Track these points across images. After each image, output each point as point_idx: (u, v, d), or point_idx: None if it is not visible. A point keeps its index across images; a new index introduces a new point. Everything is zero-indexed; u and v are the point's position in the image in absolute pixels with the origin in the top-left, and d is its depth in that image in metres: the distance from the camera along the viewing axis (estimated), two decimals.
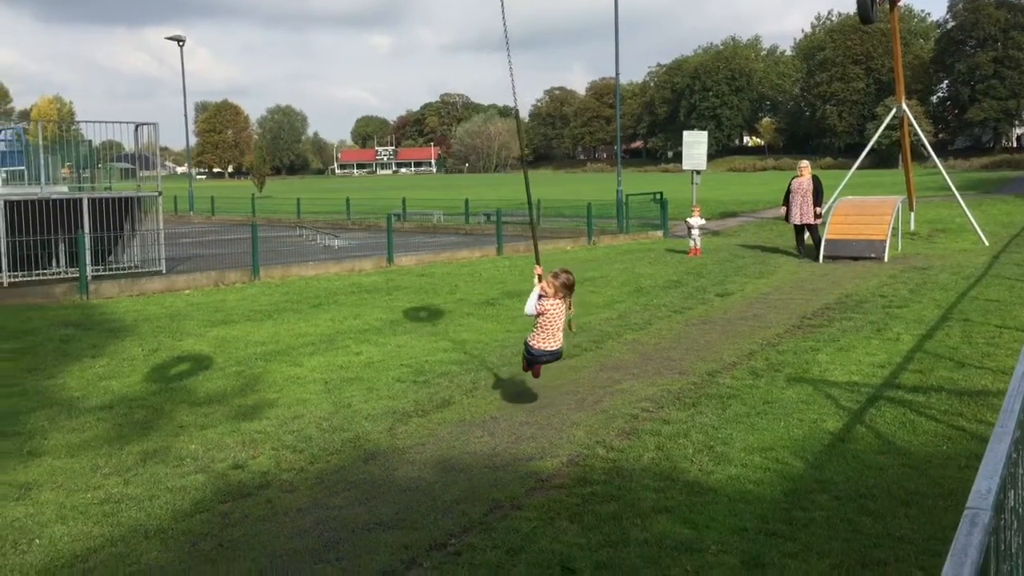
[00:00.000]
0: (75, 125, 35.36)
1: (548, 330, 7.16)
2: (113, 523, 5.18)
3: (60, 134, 21.46)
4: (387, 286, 15.49)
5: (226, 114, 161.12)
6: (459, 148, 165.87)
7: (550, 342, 7.18)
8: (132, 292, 15.10)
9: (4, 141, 20.57)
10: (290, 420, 7.22)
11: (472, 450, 6.45)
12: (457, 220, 32.06)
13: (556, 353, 7.28)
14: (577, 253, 21.38)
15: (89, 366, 9.34)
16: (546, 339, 7.17)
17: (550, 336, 7.17)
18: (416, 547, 4.80)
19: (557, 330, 7.18)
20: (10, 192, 16.44)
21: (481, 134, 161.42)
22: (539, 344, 7.17)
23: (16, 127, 21.59)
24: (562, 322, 7.18)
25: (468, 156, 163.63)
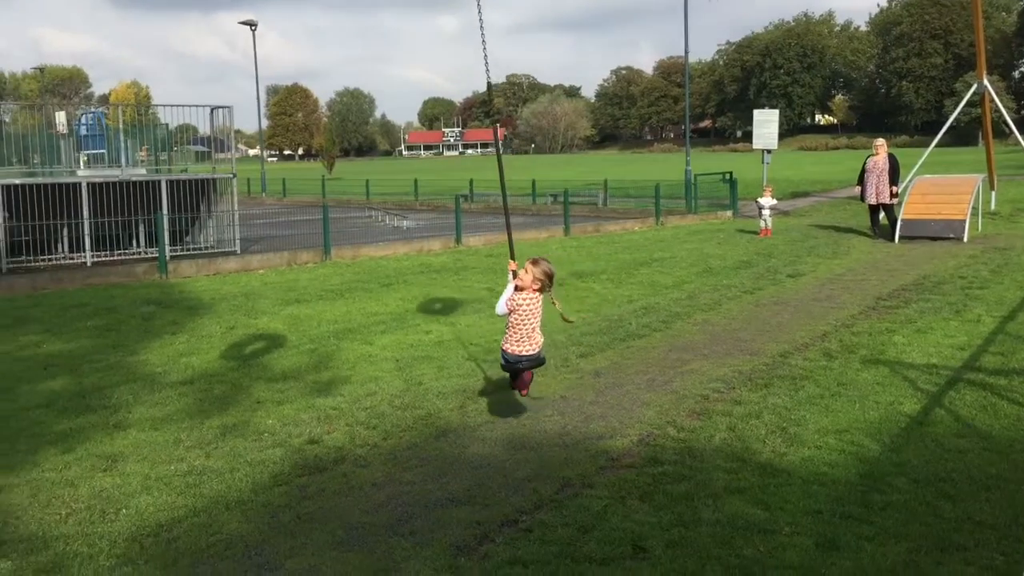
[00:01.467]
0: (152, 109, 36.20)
1: (520, 330, 6.20)
2: (195, 494, 5.35)
3: (138, 118, 22.00)
4: (455, 266, 15.61)
5: (296, 97, 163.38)
6: (525, 129, 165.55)
7: (524, 344, 6.22)
8: (209, 272, 15.48)
9: (85, 125, 21.16)
10: (363, 397, 7.35)
11: (542, 428, 6.49)
12: (524, 201, 32.08)
13: (535, 358, 6.28)
14: (645, 234, 21.23)
15: (170, 343, 9.62)
16: (519, 341, 6.22)
17: (524, 337, 6.22)
18: (488, 523, 4.85)
19: (532, 330, 6.23)
20: (92, 174, 16.95)
21: (547, 115, 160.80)
22: (513, 348, 6.23)
23: (96, 111, 22.20)
24: (538, 320, 6.23)
25: (534, 137, 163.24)
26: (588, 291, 12.57)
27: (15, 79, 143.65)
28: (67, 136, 19.64)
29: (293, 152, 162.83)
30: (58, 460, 5.95)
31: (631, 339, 9.36)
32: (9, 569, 4.38)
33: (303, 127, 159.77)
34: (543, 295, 6.30)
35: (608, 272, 14.40)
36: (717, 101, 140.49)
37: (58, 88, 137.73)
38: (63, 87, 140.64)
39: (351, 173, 67.47)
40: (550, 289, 6.29)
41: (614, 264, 15.42)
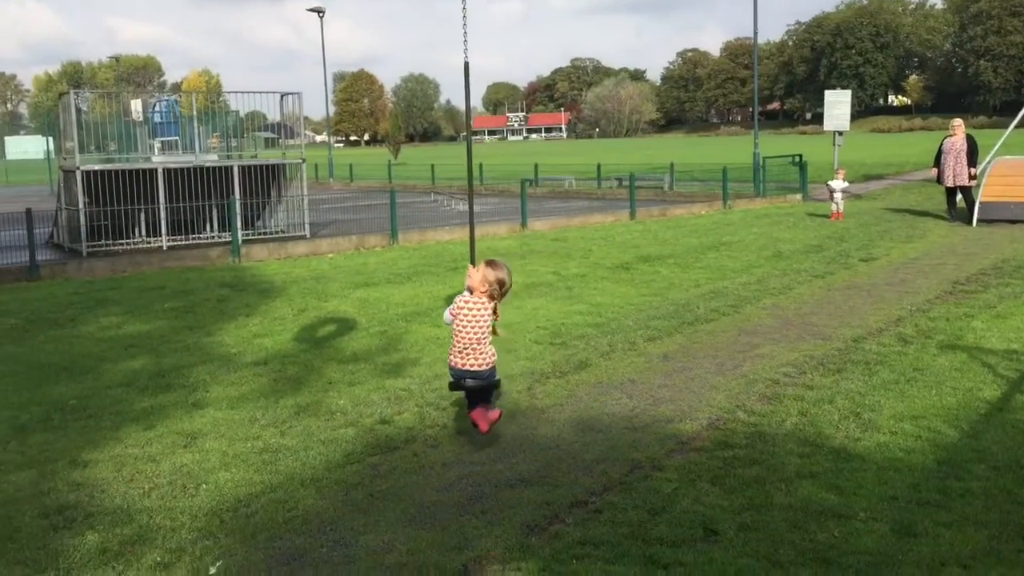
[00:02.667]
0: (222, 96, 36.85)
1: (461, 339, 5.45)
2: (272, 471, 5.48)
3: (209, 105, 22.46)
4: (521, 250, 15.64)
5: (362, 83, 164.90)
6: (589, 113, 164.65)
7: (468, 358, 5.45)
8: (279, 255, 15.78)
9: (159, 113, 21.66)
10: (432, 379, 7.43)
11: (610, 411, 6.49)
12: (589, 185, 31.96)
13: (480, 375, 5.44)
14: (712, 217, 20.99)
15: (244, 324, 9.85)
16: (461, 352, 5.47)
17: (466, 349, 5.46)
18: (557, 504, 4.88)
19: (477, 341, 5.43)
20: (167, 160, 17.38)
21: (612, 98, 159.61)
22: (454, 359, 5.53)
23: (170, 99, 22.69)
24: (483, 331, 5.45)
25: (598, 121, 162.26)
26: (655, 275, 12.49)
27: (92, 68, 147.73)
28: (142, 123, 20.12)
29: (359, 138, 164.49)
30: (140, 437, 6.14)
31: (699, 323, 9.28)
32: (96, 540, 4.55)
33: (369, 113, 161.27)
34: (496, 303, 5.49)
35: (675, 256, 14.29)
36: (786, 83, 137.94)
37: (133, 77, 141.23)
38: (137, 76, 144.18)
39: (416, 158, 67.93)
40: (499, 300, 5.47)
41: (681, 248, 15.29)
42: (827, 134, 26.48)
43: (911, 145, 57.54)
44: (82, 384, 7.50)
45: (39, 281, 13.46)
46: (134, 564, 4.30)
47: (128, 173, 16.47)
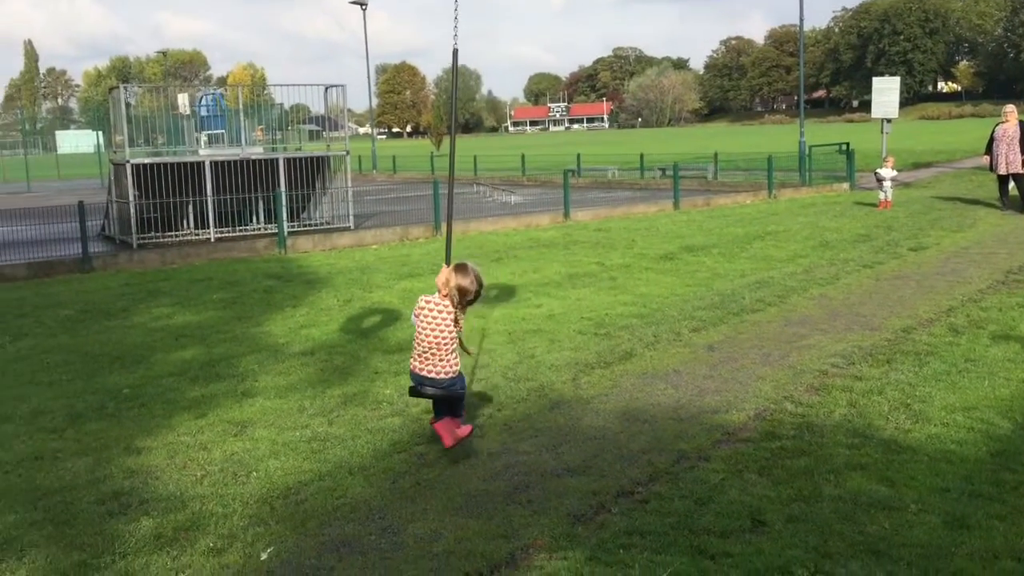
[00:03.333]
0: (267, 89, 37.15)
1: (421, 342, 5.18)
2: (320, 459, 5.55)
3: (254, 99, 22.70)
4: (564, 241, 15.63)
5: (404, 75, 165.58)
6: (632, 103, 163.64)
7: (427, 363, 5.17)
8: (325, 247, 15.94)
9: (206, 106, 21.93)
10: (477, 369, 7.46)
11: (656, 402, 6.47)
12: (632, 175, 31.79)
13: (439, 383, 5.15)
14: (757, 207, 20.78)
15: (290, 315, 9.97)
16: (421, 356, 5.19)
17: (425, 353, 5.17)
18: (604, 493, 4.89)
19: (437, 347, 5.12)
20: (214, 153, 17.60)
21: (654, 87, 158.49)
22: (414, 363, 5.26)
23: (216, 92, 22.97)
24: (444, 337, 5.12)
25: (641, 111, 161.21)
26: (699, 265, 12.41)
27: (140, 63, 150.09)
28: (189, 117, 20.40)
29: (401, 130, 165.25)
30: (192, 425, 6.26)
31: (745, 313, 9.21)
32: (151, 526, 4.65)
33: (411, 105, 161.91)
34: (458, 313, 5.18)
35: (720, 246, 14.18)
36: (832, 70, 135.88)
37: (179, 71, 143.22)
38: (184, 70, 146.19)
39: (458, 149, 67.82)
40: (461, 307, 5.15)
41: (726, 238, 15.16)
42: (874, 122, 26.07)
43: (961, 132, 56.41)
44: (135, 373, 7.65)
45: (92, 272, 13.74)
46: (188, 550, 4.39)
47: (176, 166, 16.72)
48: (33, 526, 4.68)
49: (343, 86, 18.69)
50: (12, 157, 57.84)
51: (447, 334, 5.11)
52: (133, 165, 16.13)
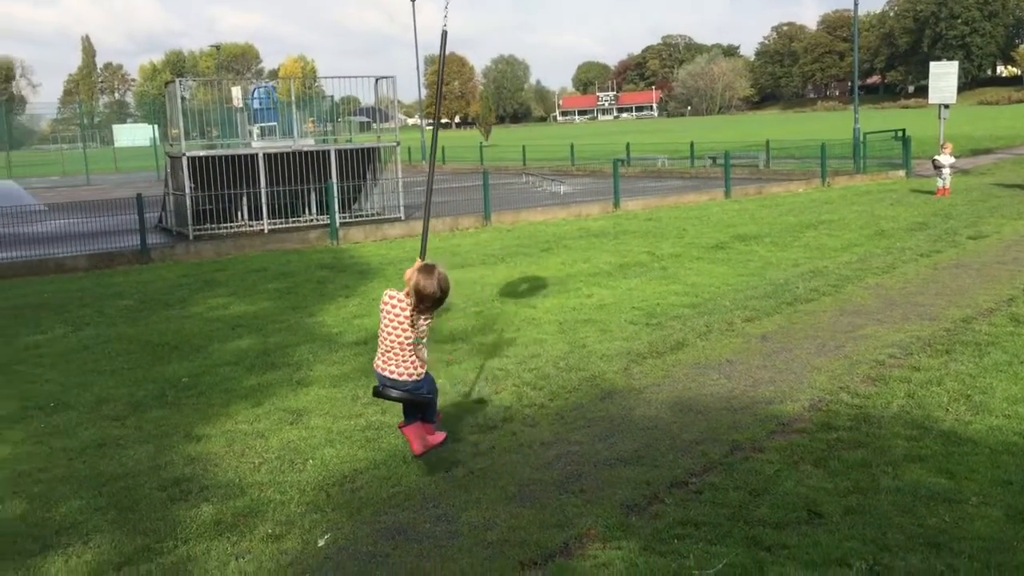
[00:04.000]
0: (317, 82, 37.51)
1: (383, 340, 4.71)
2: (375, 448, 5.62)
3: (305, 91, 22.90)
4: (614, 230, 15.56)
5: (452, 66, 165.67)
6: (681, 91, 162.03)
7: (389, 363, 4.69)
8: (376, 237, 16.07)
9: (258, 99, 22.19)
10: (528, 359, 7.48)
11: (709, 392, 6.43)
12: (682, 164, 31.52)
13: (402, 386, 4.68)
14: (810, 195, 20.48)
15: (343, 305, 10.08)
16: (383, 354, 4.72)
17: (387, 352, 4.69)
18: (657, 483, 4.88)
19: (400, 347, 4.64)
20: (267, 145, 17.83)
21: (704, 75, 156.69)
22: (376, 360, 4.81)
23: (268, 86, 23.25)
24: (400, 335, 4.64)
25: (690, 99, 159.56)
26: (751, 254, 12.27)
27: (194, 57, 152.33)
28: (242, 110, 20.67)
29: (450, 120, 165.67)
30: (249, 413, 6.37)
31: (798, 303, 9.10)
32: (211, 512, 4.75)
33: (459, 95, 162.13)
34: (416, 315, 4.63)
35: (772, 235, 14.01)
36: (887, 55, 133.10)
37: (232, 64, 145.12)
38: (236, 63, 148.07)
39: (507, 140, 68.05)
40: (419, 310, 4.59)
41: (778, 227, 14.97)
42: (931, 107, 25.51)
43: (1021, 118, 54.96)
44: (193, 362, 7.81)
45: (150, 264, 14.02)
46: (247, 535, 4.47)
47: (230, 158, 16.98)
48: (98, 511, 4.81)
49: (393, 77, 18.80)
50: (71, 151, 59.19)
51: (407, 334, 4.62)
52: (189, 158, 16.40)
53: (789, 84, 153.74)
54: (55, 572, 4.17)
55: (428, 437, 4.88)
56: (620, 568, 3.95)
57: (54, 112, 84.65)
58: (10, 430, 6.19)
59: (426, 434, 4.87)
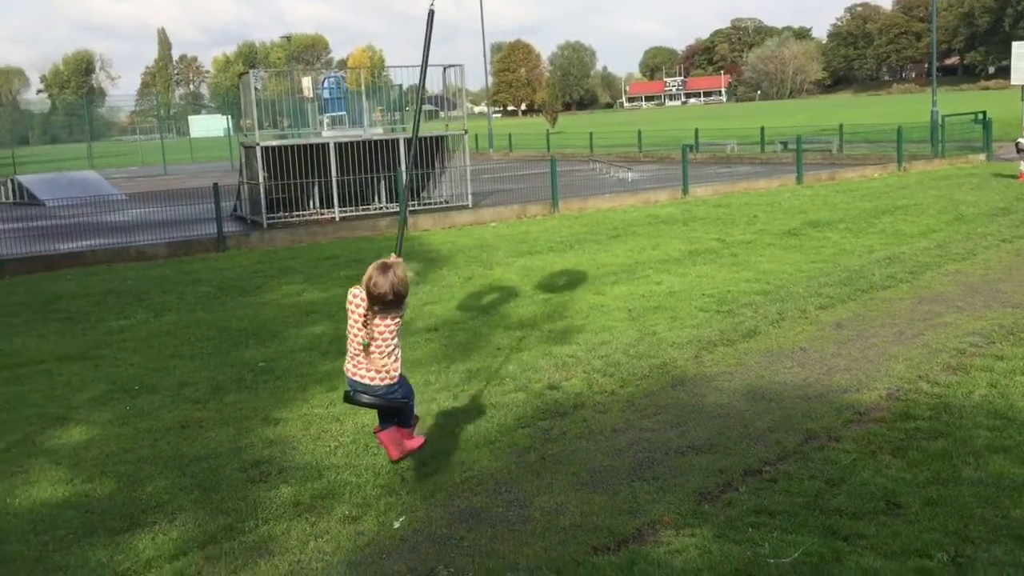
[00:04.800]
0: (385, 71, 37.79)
1: (350, 341, 4.47)
2: (446, 433, 5.69)
3: (373, 80, 23.12)
4: (683, 217, 15.42)
5: (519, 53, 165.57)
6: (751, 75, 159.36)
7: (357, 366, 4.45)
8: (444, 225, 16.20)
9: (328, 89, 22.48)
10: (598, 346, 7.47)
11: (782, 380, 6.36)
12: (752, 150, 31.05)
13: (372, 391, 4.42)
14: (885, 180, 20.00)
15: (413, 292, 10.11)
16: (352, 356, 4.48)
17: (354, 354, 4.45)
18: (730, 471, 4.85)
19: (369, 350, 4.38)
20: (337, 135, 18.07)
21: (774, 59, 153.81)
22: (346, 364, 4.54)
23: (337, 75, 23.53)
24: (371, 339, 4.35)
25: (760, 83, 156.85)
26: (825, 241, 12.05)
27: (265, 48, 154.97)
28: (312, 100, 20.96)
29: (516, 108, 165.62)
30: (324, 397, 6.50)
31: (874, 290, 8.92)
32: (290, 494, 4.86)
33: (525, 83, 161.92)
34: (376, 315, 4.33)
35: (846, 221, 13.73)
36: (966, 35, 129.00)
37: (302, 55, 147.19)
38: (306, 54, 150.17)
39: (573, 126, 67.81)
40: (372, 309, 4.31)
41: (852, 213, 14.67)
42: (1014, 89, 24.65)
43: None
44: (269, 348, 7.99)
45: (226, 251, 14.36)
46: (325, 517, 4.58)
47: (302, 148, 17.26)
48: (182, 491, 4.97)
49: (461, 66, 18.86)
50: (149, 142, 60.84)
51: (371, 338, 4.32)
52: (263, 147, 16.72)
53: (863, 67, 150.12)
54: (143, 549, 4.32)
55: (405, 442, 4.59)
56: (694, 555, 3.94)
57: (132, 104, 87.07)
58: (98, 412, 6.43)
59: (403, 439, 4.59)
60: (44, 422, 6.25)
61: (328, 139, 17.54)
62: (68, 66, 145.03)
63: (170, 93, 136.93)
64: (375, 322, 4.33)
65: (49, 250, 14.32)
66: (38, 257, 13.64)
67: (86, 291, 11.22)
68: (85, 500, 4.91)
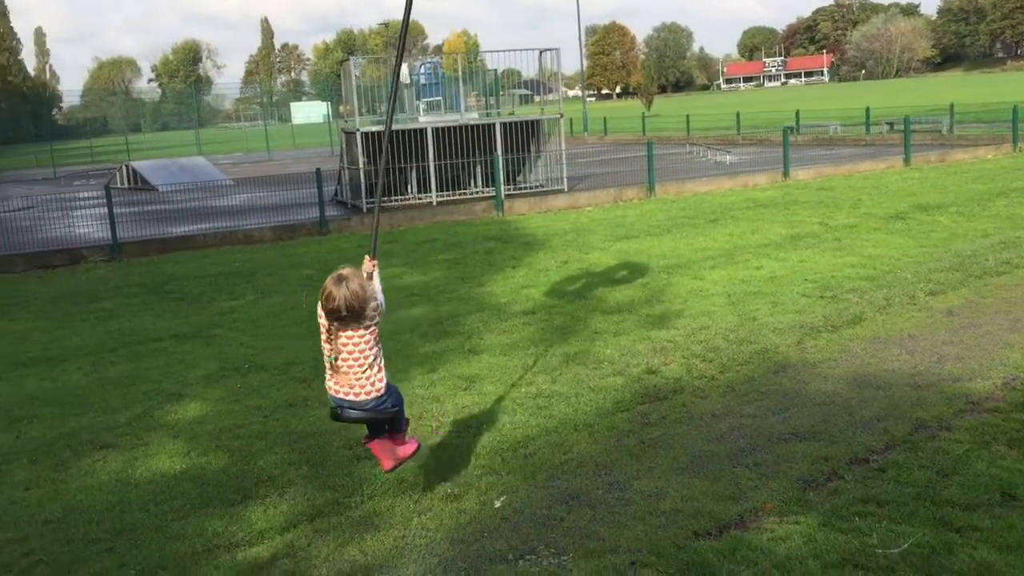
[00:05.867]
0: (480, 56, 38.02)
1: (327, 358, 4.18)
2: (545, 415, 5.73)
3: (468, 65, 23.23)
4: (784, 200, 15.09)
5: (613, 36, 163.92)
6: (855, 54, 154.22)
7: (340, 383, 4.17)
8: (540, 209, 16.23)
9: (424, 75, 22.71)
10: (697, 331, 7.40)
11: (889, 368, 6.19)
12: (856, 131, 30.10)
13: (360, 406, 4.17)
14: (999, 162, 19.16)
15: (511, 275, 10.26)
16: (331, 374, 4.19)
17: (333, 370, 4.17)
18: (836, 460, 4.75)
19: (347, 367, 4.11)
20: (434, 120, 18.27)
21: (880, 37, 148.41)
22: (327, 383, 4.27)
23: (433, 61, 23.75)
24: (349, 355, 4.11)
25: (864, 62, 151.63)
26: (934, 225, 11.63)
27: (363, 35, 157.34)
28: (409, 85, 21.21)
29: (610, 91, 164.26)
30: (425, 379, 6.62)
31: (988, 276, 8.58)
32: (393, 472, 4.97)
33: (620, 65, 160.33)
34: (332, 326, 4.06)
35: (957, 204, 13.22)
36: None
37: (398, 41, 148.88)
38: None
39: (669, 109, 66.92)
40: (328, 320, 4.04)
41: (964, 195, 14.11)
42: None
43: None
44: None
45: (328, 235, 14.71)
46: (428, 494, 4.68)
47: (400, 133, 17.51)
48: (291, 466, 5.14)
49: (557, 49, 18.80)
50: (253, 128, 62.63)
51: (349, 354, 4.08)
52: (362, 133, 17.03)
53: (975, 43, 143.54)
54: (255, 520, 4.50)
55: (398, 449, 4.38)
56: (798, 543, 3.89)
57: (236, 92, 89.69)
58: (211, 389, 6.70)
59: (396, 446, 4.38)
60: (162, 397, 6.55)
61: (425, 124, 17.74)
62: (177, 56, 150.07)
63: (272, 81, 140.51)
64: (340, 336, 4.04)
65: (163, 233, 14.93)
66: (153, 240, 14.24)
67: (198, 273, 11.67)
68: (201, 473, 5.14)
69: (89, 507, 4.78)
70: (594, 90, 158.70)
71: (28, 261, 13.28)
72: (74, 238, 15.27)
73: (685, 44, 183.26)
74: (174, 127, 63.36)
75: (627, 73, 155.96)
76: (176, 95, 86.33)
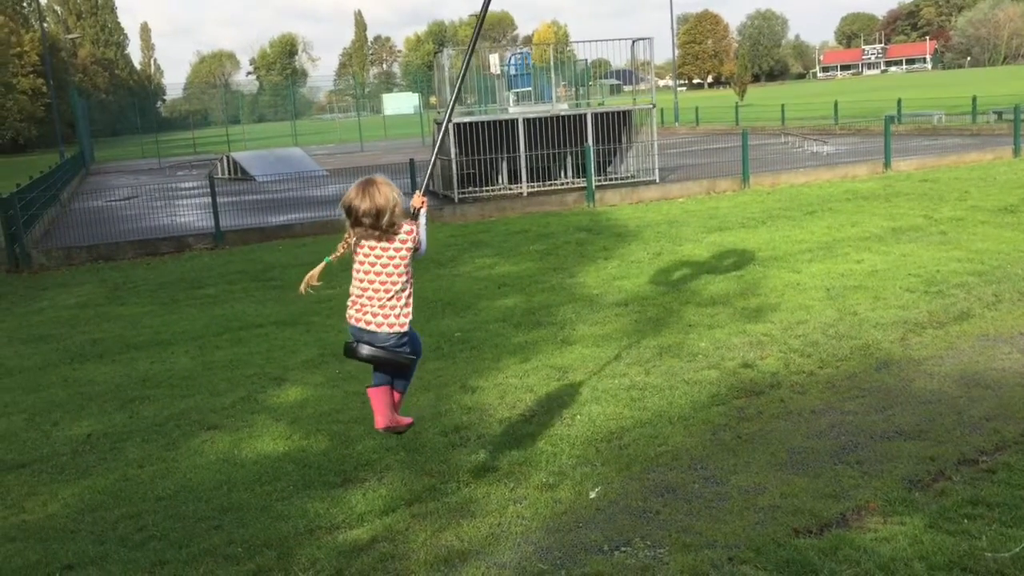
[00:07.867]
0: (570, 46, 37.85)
1: (354, 287, 3.97)
2: (639, 407, 5.70)
3: (557, 56, 23.17)
4: (885, 192, 14.65)
5: (706, 24, 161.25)
6: (960, 40, 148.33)
7: (359, 309, 3.95)
8: (631, 200, 16.12)
9: (514, 66, 22.74)
10: (794, 325, 7.26)
11: (1000, 366, 5.96)
12: (961, 120, 28.97)
13: (376, 338, 3.91)
14: None
15: (603, 267, 10.23)
16: (353, 300, 3.98)
17: (357, 297, 3.96)
18: (942, 460, 4.61)
19: (372, 290, 3.91)
20: (525, 111, 18.30)
21: (987, 22, 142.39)
22: (348, 311, 4.01)
23: (523, 52, 23.75)
24: (364, 272, 3.94)
25: (970, 48, 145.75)
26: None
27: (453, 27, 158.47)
28: (499, 76, 21.27)
29: (702, 80, 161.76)
30: (518, 368, 6.66)
31: None
32: (488, 459, 5.04)
33: (712, 54, 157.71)
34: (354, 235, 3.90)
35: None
36: None
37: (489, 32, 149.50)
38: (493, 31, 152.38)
39: (763, 99, 65.49)
40: (352, 228, 3.89)
41: None
42: None
43: None
44: (464, 319, 8.25)
45: None
46: (523, 483, 4.71)
47: (491, 124, 17.60)
48: (388, 452, 5.25)
49: (650, 39, 18.60)
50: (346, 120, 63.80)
51: (373, 276, 3.90)
52: (456, 124, 17.17)
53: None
54: (355, 503, 4.61)
55: (397, 415, 4.12)
56: (903, 544, 3.79)
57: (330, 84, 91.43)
58: (311, 374, 6.88)
59: (393, 404, 4.10)
60: (264, 381, 6.76)
61: (516, 115, 17.79)
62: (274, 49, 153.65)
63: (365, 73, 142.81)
64: (363, 247, 3.88)
65: (262, 222, 15.35)
66: (253, 229, 14.66)
67: (296, 261, 11.97)
68: (303, 455, 5.28)
69: (198, 485, 4.97)
70: (685, 79, 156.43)
71: (137, 248, 13.84)
72: (179, 226, 15.83)
73: (780, 32, 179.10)
74: (270, 119, 65.03)
75: (719, 62, 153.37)
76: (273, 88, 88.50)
